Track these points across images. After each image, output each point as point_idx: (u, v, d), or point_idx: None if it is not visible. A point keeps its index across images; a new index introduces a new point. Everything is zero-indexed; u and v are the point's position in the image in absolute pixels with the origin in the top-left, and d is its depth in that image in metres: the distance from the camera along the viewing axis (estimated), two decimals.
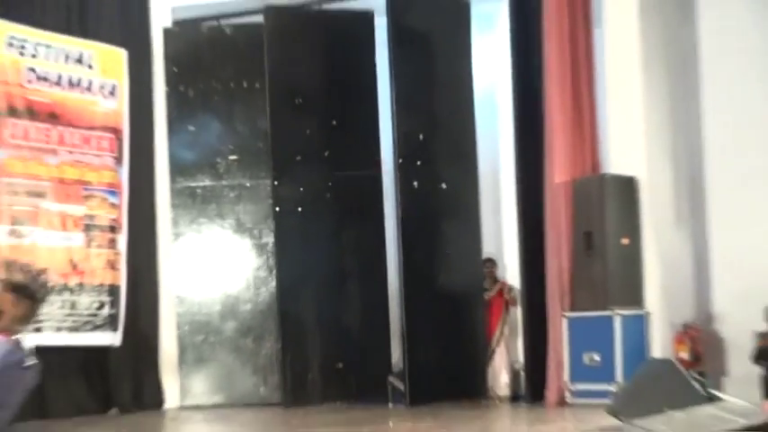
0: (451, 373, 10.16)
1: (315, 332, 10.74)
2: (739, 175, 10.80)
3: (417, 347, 10.00)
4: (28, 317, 2.19)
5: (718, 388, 8.61)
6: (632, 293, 9.47)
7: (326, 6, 11.32)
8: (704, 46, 11.20)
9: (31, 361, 2.17)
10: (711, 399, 7.26)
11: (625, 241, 9.48)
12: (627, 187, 9.65)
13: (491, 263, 11.02)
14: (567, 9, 9.83)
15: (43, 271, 2.32)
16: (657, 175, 9.90)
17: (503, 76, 10.84)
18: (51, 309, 9.86)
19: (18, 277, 2.20)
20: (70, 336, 9.86)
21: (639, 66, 9.83)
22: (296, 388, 10.46)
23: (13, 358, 2.08)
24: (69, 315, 9.91)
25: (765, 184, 10.61)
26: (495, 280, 10.94)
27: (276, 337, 10.70)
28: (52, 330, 9.90)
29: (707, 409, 6.85)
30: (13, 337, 2.12)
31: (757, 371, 10.13)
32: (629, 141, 9.83)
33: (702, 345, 10.07)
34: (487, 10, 11.10)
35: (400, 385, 10.04)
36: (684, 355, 9.34)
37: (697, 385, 7.37)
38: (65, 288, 9.97)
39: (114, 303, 10.56)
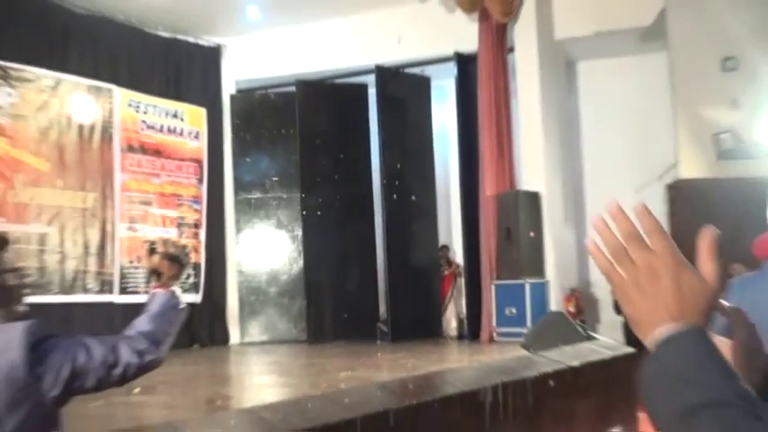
0: (419, 320, 10.09)
1: (328, 293, 10.66)
2: (604, 191, 10.83)
3: (396, 304, 9.93)
4: (177, 276, 2.20)
5: (593, 330, 8.60)
6: (537, 268, 9.41)
7: (337, 81, 11.28)
8: (582, 108, 11.30)
9: (183, 305, 2.15)
10: (589, 338, 7.25)
11: (532, 234, 9.45)
12: (533, 199, 9.60)
13: (445, 248, 10.96)
14: (494, 84, 9.79)
15: (186, 246, 2.34)
16: (552, 191, 9.87)
17: (452, 126, 10.77)
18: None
19: (171, 249, 2.21)
20: None
21: (540, 121, 9.80)
22: (316, 331, 10.39)
23: (173, 302, 2.09)
24: None
25: (620, 197, 10.60)
26: (447, 260, 10.90)
27: (303, 297, 10.62)
28: None
29: (586, 345, 6.83)
30: (170, 289, 2.13)
31: (619, 319, 10.13)
32: (534, 170, 9.80)
33: (583, 302, 10.05)
34: (442, 83, 11.03)
35: (385, 329, 10.01)
36: (571, 308, 9.30)
37: (580, 329, 7.36)
38: None
39: (197, 275, 10.53)
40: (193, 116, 10.87)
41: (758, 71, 8.95)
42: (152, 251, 2.19)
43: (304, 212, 10.69)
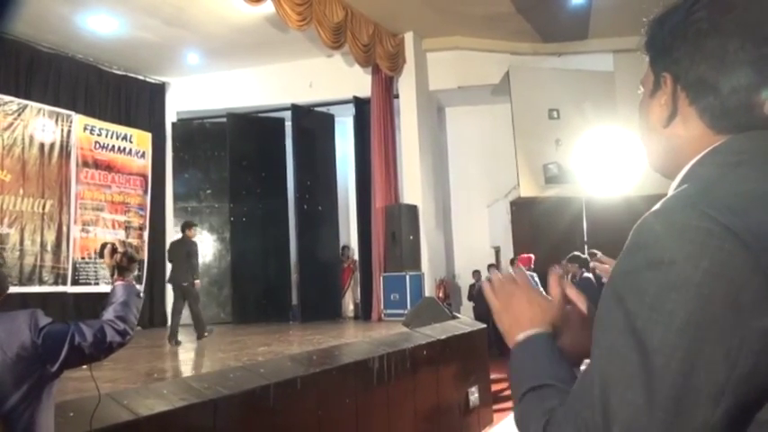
0: (323, 304, 9.92)
1: (250, 283, 10.25)
2: (464, 205, 11.11)
3: (306, 292, 9.72)
4: (133, 271, 2.10)
5: (456, 311, 8.76)
6: (415, 264, 9.48)
7: (260, 115, 10.91)
8: (449, 142, 11.55)
9: (141, 293, 2.05)
10: (453, 317, 7.34)
11: (411, 237, 9.51)
12: (412, 210, 9.69)
13: (346, 248, 10.87)
14: (383, 122, 9.85)
15: (137, 246, 2.19)
16: (426, 204, 10.01)
17: (351, 153, 10.71)
18: (105, 272, 9.22)
19: (128, 249, 2.10)
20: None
21: (417, 151, 9.93)
22: (240, 314, 10.01)
23: (134, 291, 1.99)
24: None
25: (476, 210, 10.96)
26: (347, 257, 10.81)
27: (230, 287, 10.24)
28: (105, 283, 9.23)
29: (451, 323, 6.91)
30: (130, 281, 2.03)
31: (471, 304, 10.40)
32: (412, 188, 9.90)
33: (449, 289, 10.26)
34: (343, 120, 10.96)
35: (297, 312, 9.78)
36: (440, 294, 9.46)
37: (446, 310, 7.44)
38: None
39: (140, 269, 9.82)
40: (140, 139, 10.22)
41: (573, 120, 9.49)
42: (114, 251, 2.08)
43: (232, 219, 10.33)
